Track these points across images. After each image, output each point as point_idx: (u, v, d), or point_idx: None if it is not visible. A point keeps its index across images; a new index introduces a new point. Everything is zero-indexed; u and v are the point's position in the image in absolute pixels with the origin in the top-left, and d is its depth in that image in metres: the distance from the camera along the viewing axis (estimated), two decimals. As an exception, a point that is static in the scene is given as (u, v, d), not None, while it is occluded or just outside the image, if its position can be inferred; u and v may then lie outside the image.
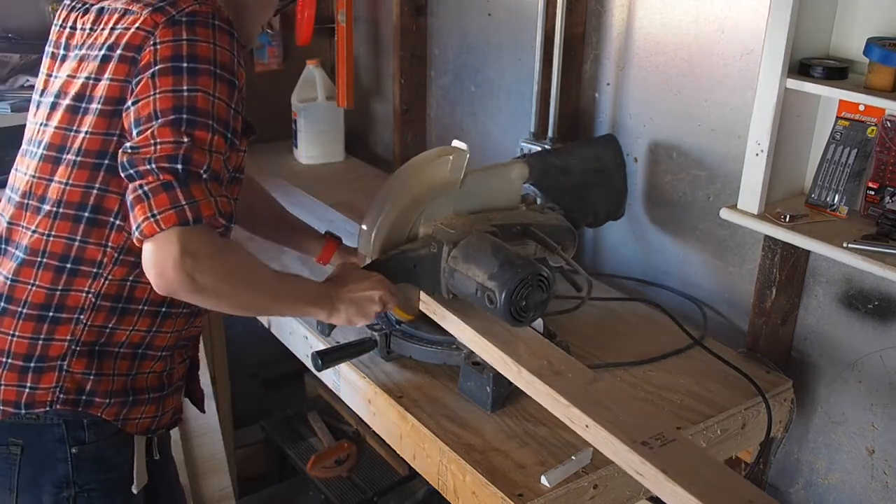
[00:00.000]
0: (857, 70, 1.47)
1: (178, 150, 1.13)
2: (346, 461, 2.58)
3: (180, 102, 1.14)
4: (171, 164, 1.12)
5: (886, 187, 1.47)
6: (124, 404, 1.33)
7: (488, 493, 1.30)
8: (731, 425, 1.51)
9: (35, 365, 1.26)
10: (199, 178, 1.14)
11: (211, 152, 1.15)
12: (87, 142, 1.22)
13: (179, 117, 1.14)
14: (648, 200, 1.94)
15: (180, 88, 1.14)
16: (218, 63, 1.17)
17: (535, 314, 1.42)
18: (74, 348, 1.27)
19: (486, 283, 1.38)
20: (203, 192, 1.14)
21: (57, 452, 1.30)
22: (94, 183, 1.23)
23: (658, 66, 1.85)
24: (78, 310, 1.26)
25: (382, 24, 2.67)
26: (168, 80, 1.15)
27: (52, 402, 1.27)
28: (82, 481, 1.32)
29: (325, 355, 1.54)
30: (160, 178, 1.12)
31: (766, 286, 1.66)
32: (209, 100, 1.15)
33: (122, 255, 1.25)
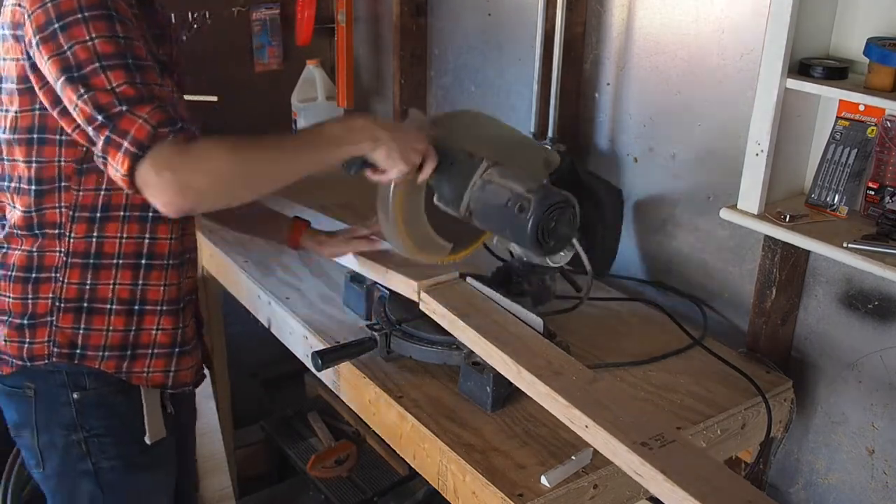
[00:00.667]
0: (857, 70, 1.47)
1: (89, 106, 1.18)
2: (346, 461, 2.58)
3: (67, 62, 1.19)
4: (94, 120, 1.19)
5: (886, 187, 1.47)
6: (123, 358, 1.41)
7: (488, 493, 1.30)
8: (731, 425, 1.51)
9: (28, 322, 1.38)
10: (119, 114, 1.18)
11: (112, 88, 1.18)
12: (19, 120, 1.31)
13: (72, 75, 1.19)
14: (648, 200, 1.94)
15: (62, 49, 1.19)
16: (83, 7, 1.19)
17: (557, 245, 1.41)
18: (59, 305, 1.37)
19: (524, 194, 1.37)
20: (131, 121, 1.17)
21: (61, 396, 1.40)
22: (30, 157, 1.32)
23: (658, 66, 1.85)
24: (53, 269, 1.36)
25: (382, 24, 2.67)
26: (50, 47, 1.20)
27: (49, 355, 1.38)
28: (88, 426, 1.41)
29: (325, 355, 1.54)
30: (99, 136, 1.19)
31: (766, 286, 1.65)
32: (88, 46, 1.19)
33: (76, 212, 1.34)
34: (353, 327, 1.71)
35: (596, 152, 2.04)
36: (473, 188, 1.43)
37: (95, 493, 1.44)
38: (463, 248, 1.60)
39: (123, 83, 1.19)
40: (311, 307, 1.78)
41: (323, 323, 1.73)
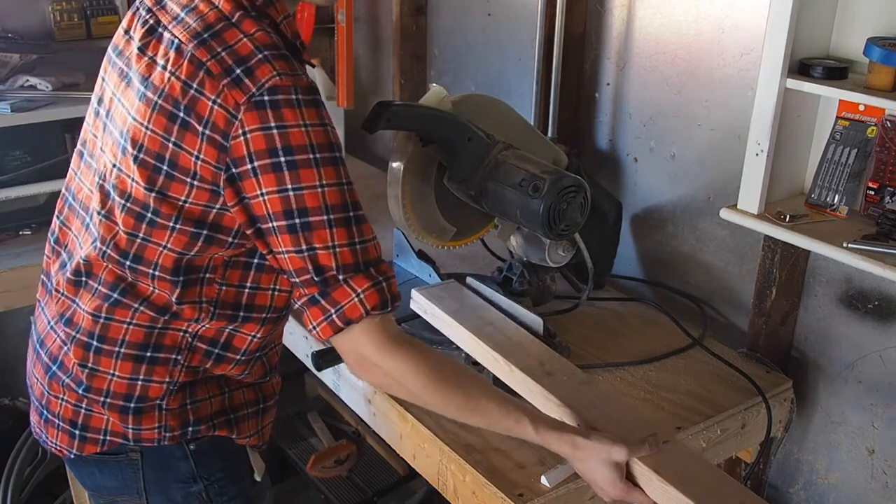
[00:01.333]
0: (857, 70, 1.47)
1: (305, 262, 1.12)
2: (346, 461, 2.58)
3: (289, 206, 1.09)
4: (306, 275, 1.12)
5: (886, 187, 1.47)
6: (230, 423, 1.31)
7: (488, 493, 1.30)
8: (731, 425, 1.51)
9: (135, 406, 1.24)
10: (336, 281, 1.12)
11: (333, 247, 1.12)
12: (133, 189, 1.16)
13: (293, 223, 1.10)
14: (648, 200, 1.94)
15: (285, 188, 1.09)
16: (315, 147, 1.09)
17: (566, 229, 1.42)
18: (172, 388, 1.24)
19: (539, 174, 1.39)
20: (346, 293, 1.13)
21: (175, 452, 1.29)
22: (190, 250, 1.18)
23: (658, 66, 1.85)
24: (175, 350, 1.23)
25: (382, 24, 2.67)
26: (271, 179, 1.09)
27: (160, 440, 1.26)
28: (207, 473, 1.31)
29: (325, 355, 1.54)
30: (305, 291, 1.14)
31: (766, 286, 1.65)
32: (317, 193, 1.10)
33: (217, 308, 1.22)
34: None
35: (596, 152, 2.04)
36: (487, 167, 1.44)
37: None
38: (467, 235, 1.61)
39: (345, 245, 1.12)
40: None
41: (323, 323, 1.73)
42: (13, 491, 2.24)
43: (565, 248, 1.57)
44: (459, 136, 1.44)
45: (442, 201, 1.54)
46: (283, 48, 1.11)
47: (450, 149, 1.46)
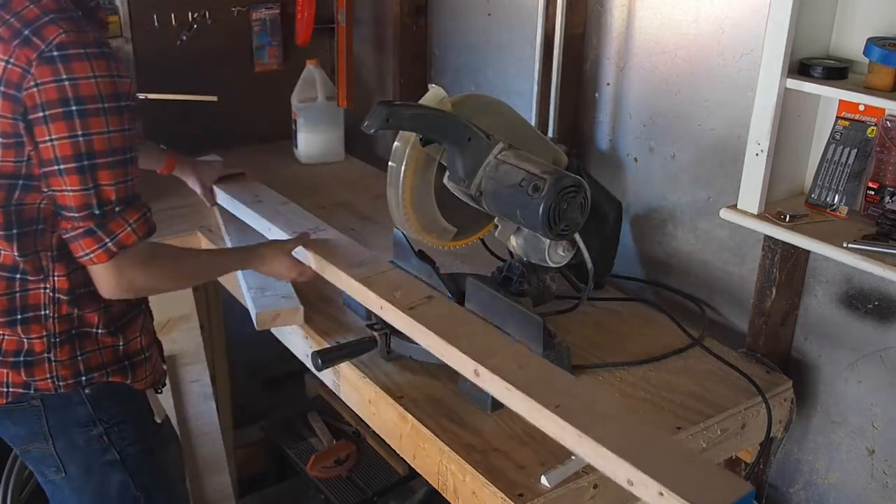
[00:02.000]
0: (857, 70, 1.47)
1: (89, 197, 1.27)
2: (346, 461, 2.58)
3: (78, 149, 1.25)
4: (87, 210, 1.28)
5: (886, 187, 1.47)
6: (125, 369, 1.46)
7: (488, 493, 1.30)
8: (731, 425, 1.51)
9: (24, 359, 1.40)
10: (113, 213, 1.30)
11: (117, 184, 1.28)
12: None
13: (82, 164, 1.26)
14: (648, 200, 1.94)
15: (75, 134, 1.24)
16: (104, 96, 1.24)
17: (566, 229, 1.42)
18: (54, 340, 1.39)
19: (539, 174, 1.39)
20: (121, 224, 1.31)
21: (73, 397, 1.42)
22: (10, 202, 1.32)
23: (658, 66, 1.85)
24: (41, 306, 1.38)
25: (382, 24, 2.67)
26: (61, 126, 1.23)
27: (56, 388, 1.41)
28: (106, 416, 1.45)
29: (325, 355, 1.54)
30: (81, 224, 1.29)
31: (766, 286, 1.66)
32: (104, 138, 1.26)
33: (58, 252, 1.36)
34: (353, 327, 1.71)
35: (596, 152, 2.04)
36: (487, 167, 1.45)
37: (125, 481, 1.48)
38: (467, 235, 1.61)
39: (122, 181, 1.30)
40: (311, 307, 1.78)
41: (323, 323, 1.73)
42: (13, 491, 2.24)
43: (565, 249, 1.57)
44: (459, 136, 1.44)
45: (442, 201, 1.54)
46: (72, 11, 1.27)
47: (450, 149, 1.46)
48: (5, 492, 2.23)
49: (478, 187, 1.46)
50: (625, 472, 1.11)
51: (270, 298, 1.73)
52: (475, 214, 1.57)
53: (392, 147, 1.51)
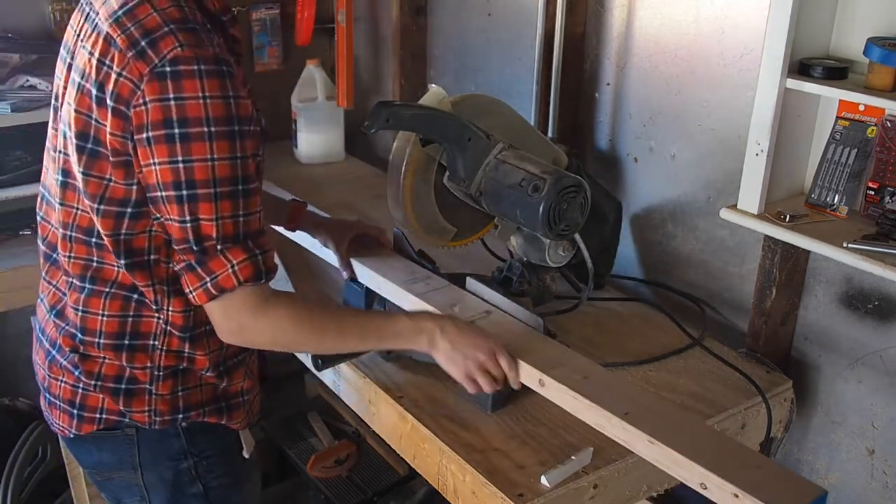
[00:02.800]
0: (857, 70, 1.47)
1: (187, 231, 1.16)
2: (346, 461, 2.58)
3: (178, 176, 1.13)
4: (186, 244, 1.17)
5: (886, 187, 1.47)
6: (221, 411, 1.37)
7: (488, 493, 1.30)
8: (731, 425, 1.51)
9: (125, 387, 1.30)
10: (214, 251, 1.17)
11: (221, 219, 1.16)
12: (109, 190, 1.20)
13: (181, 194, 1.14)
14: (648, 200, 1.94)
15: (176, 160, 1.13)
16: (210, 120, 1.12)
17: (566, 229, 1.42)
18: (157, 373, 1.30)
19: (539, 174, 1.39)
20: (222, 264, 1.17)
21: (169, 429, 1.34)
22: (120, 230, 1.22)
23: (658, 66, 1.85)
24: (151, 335, 1.28)
25: (382, 24, 2.67)
26: (163, 150, 1.13)
27: (151, 423, 1.32)
28: (197, 450, 1.37)
29: (325, 355, 1.54)
30: (184, 258, 1.18)
31: (766, 286, 1.66)
32: (207, 167, 1.13)
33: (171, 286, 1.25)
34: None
35: (596, 152, 2.04)
36: (487, 167, 1.44)
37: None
38: (467, 235, 1.61)
39: (228, 217, 1.16)
40: (311, 307, 1.78)
41: (323, 323, 1.73)
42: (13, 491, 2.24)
43: (565, 249, 1.57)
44: (459, 136, 1.44)
45: (442, 201, 1.54)
46: (196, 23, 1.15)
47: (449, 149, 1.46)
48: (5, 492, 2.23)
49: (478, 187, 1.46)
50: (699, 475, 1.13)
51: None
52: (475, 214, 1.57)
53: (392, 147, 1.51)
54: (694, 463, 1.13)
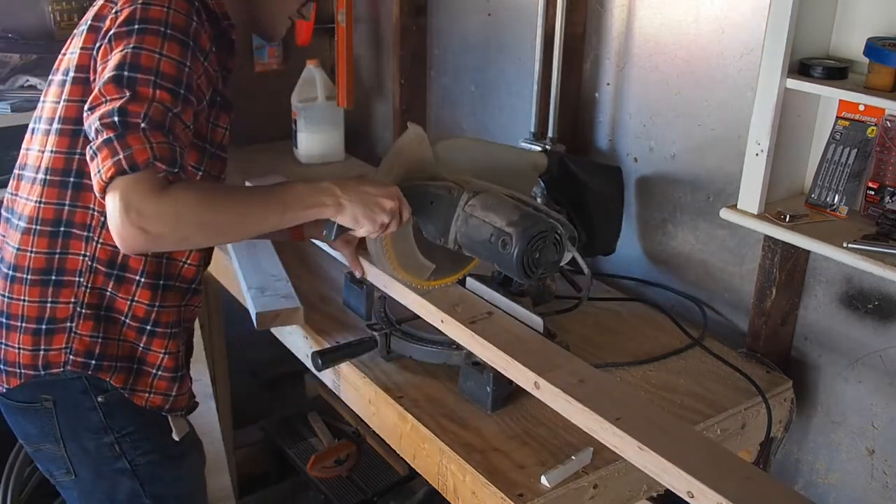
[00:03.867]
0: (857, 70, 1.47)
1: (116, 104, 1.16)
2: (346, 461, 2.58)
3: (124, 59, 1.19)
4: (109, 117, 1.16)
5: (886, 187, 1.47)
6: (130, 371, 1.39)
7: (488, 493, 1.30)
8: (731, 425, 1.51)
9: (46, 327, 1.34)
10: (136, 127, 1.15)
11: (150, 103, 1.17)
12: (64, 110, 1.30)
13: (121, 73, 1.18)
14: (648, 200, 1.94)
15: (127, 47, 1.19)
16: (169, 24, 1.21)
17: (545, 273, 1.40)
18: (80, 310, 1.34)
19: (504, 229, 1.36)
20: (140, 140, 1.15)
21: (85, 402, 1.38)
22: (74, 149, 1.30)
23: (658, 66, 1.85)
24: (77, 272, 1.33)
25: (382, 24, 2.67)
26: (120, 44, 1.20)
27: (65, 363, 1.34)
28: (118, 426, 1.40)
29: (325, 355, 1.54)
30: (103, 134, 1.15)
31: (766, 286, 1.66)
32: (153, 57, 1.19)
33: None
34: (353, 327, 1.72)
35: (596, 152, 2.04)
36: (457, 222, 1.42)
37: (136, 489, 1.44)
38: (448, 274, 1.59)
39: (160, 104, 1.18)
40: (311, 307, 1.78)
41: (323, 323, 1.73)
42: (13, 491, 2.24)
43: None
44: (421, 204, 1.43)
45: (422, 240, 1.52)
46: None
47: (416, 214, 1.45)
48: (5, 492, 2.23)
49: (454, 241, 1.44)
50: (687, 484, 1.13)
51: (270, 298, 1.73)
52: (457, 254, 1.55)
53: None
54: (682, 471, 1.13)
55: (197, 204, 1.19)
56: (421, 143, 1.45)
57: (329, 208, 1.31)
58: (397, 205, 1.36)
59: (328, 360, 1.55)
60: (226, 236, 1.36)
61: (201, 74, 1.26)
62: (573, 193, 1.81)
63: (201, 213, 1.20)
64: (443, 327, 1.50)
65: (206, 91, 1.30)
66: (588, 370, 1.36)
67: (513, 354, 1.37)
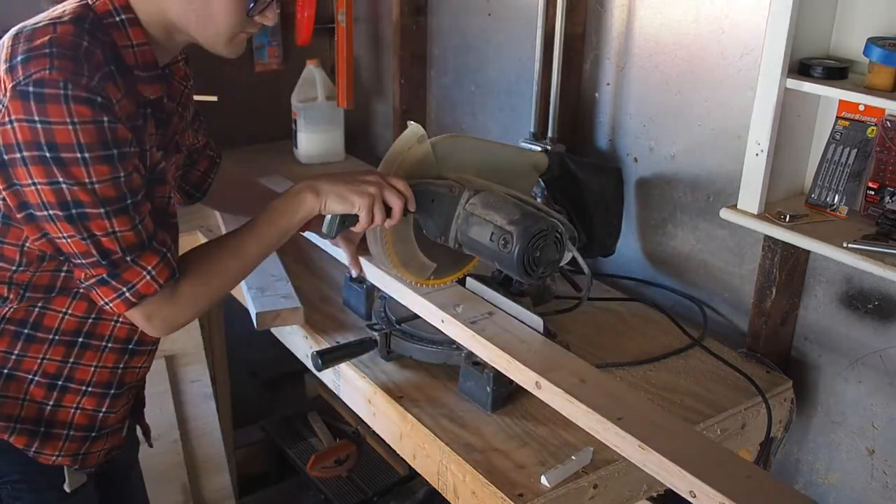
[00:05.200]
0: (857, 70, 1.47)
1: (89, 247, 1.14)
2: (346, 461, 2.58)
3: (63, 198, 1.11)
4: (92, 258, 1.15)
5: (886, 187, 1.47)
6: (35, 434, 1.28)
7: (488, 493, 1.30)
8: (731, 425, 1.51)
9: None
10: (124, 263, 1.17)
11: (118, 233, 1.15)
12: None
13: (70, 213, 1.12)
14: (648, 200, 1.94)
15: (57, 181, 1.10)
16: (83, 146, 1.09)
17: (545, 272, 1.40)
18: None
19: (505, 227, 1.36)
20: (136, 273, 1.18)
21: None
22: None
23: (658, 66, 1.85)
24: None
25: (382, 24, 2.67)
26: (41, 171, 1.10)
27: None
28: (1, 473, 1.29)
29: (325, 355, 1.54)
30: (93, 272, 1.17)
31: (766, 286, 1.66)
32: (88, 190, 1.11)
33: (27, 289, 1.23)
34: (353, 327, 1.71)
35: (596, 152, 2.04)
36: (458, 221, 1.42)
37: None
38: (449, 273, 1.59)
39: (126, 229, 1.16)
40: (311, 307, 1.78)
41: (323, 323, 1.73)
42: None
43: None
44: (422, 202, 1.43)
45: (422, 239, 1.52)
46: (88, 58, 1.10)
47: (418, 213, 1.45)
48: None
49: (455, 240, 1.44)
50: (689, 483, 1.13)
51: (270, 298, 1.73)
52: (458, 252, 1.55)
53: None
54: (684, 471, 1.13)
55: (206, 282, 1.26)
56: (421, 141, 1.45)
57: (309, 199, 1.31)
58: (379, 177, 1.35)
59: (328, 360, 1.55)
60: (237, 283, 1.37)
61: (136, 164, 1.18)
62: (573, 194, 1.81)
63: (211, 285, 1.28)
64: (444, 327, 1.50)
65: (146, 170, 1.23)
66: (589, 370, 1.36)
67: (514, 354, 1.37)
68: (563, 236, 1.39)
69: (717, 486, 1.10)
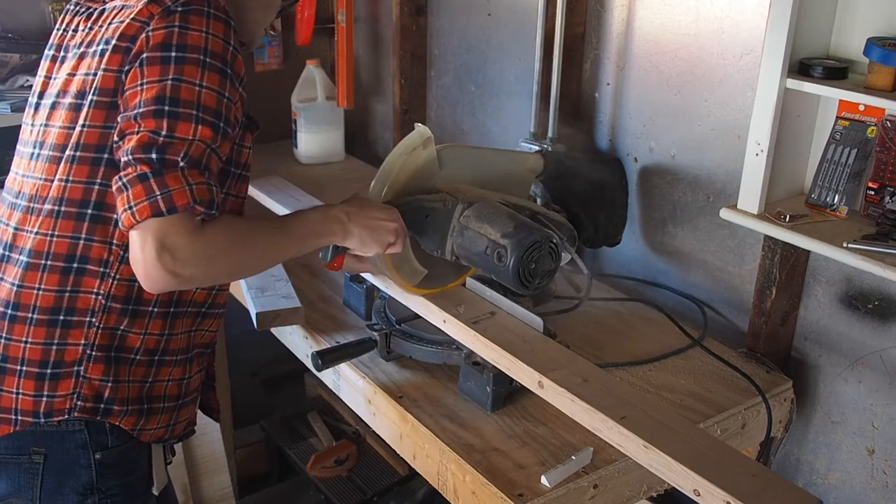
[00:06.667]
0: (857, 70, 1.47)
1: (156, 141, 1.12)
2: (346, 461, 2.58)
3: (163, 92, 1.14)
4: (146, 154, 1.12)
5: (886, 187, 1.47)
6: (141, 413, 1.31)
7: (488, 493, 1.30)
8: (731, 425, 1.51)
9: (51, 371, 1.23)
10: (174, 166, 1.12)
11: (192, 142, 1.14)
12: (84, 136, 1.20)
13: (161, 108, 1.13)
14: (648, 200, 1.94)
15: (165, 78, 1.14)
16: (208, 52, 1.16)
17: (541, 283, 1.40)
18: (90, 353, 1.24)
19: (499, 241, 1.36)
20: (179, 180, 1.12)
21: (80, 458, 1.27)
22: (94, 178, 1.20)
23: (658, 66, 1.85)
24: (89, 312, 1.23)
25: (382, 24, 2.67)
26: (155, 70, 1.15)
27: (71, 410, 1.24)
28: (105, 486, 1.30)
29: (325, 355, 1.54)
30: (137, 168, 1.12)
31: (766, 286, 1.66)
32: (194, 90, 1.15)
33: (127, 252, 1.18)
34: (353, 327, 1.72)
35: (596, 152, 2.04)
36: (453, 234, 1.43)
37: None
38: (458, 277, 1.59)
39: (203, 143, 1.15)
40: (311, 307, 1.78)
41: (323, 323, 1.74)
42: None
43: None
44: (415, 220, 1.44)
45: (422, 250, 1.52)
46: None
47: (414, 230, 1.45)
48: None
49: (452, 253, 1.45)
50: (693, 482, 1.13)
51: (270, 298, 1.73)
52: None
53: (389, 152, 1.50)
54: (688, 469, 1.13)
55: (230, 246, 1.20)
56: (426, 145, 1.45)
57: (337, 236, 1.36)
58: (400, 225, 1.40)
59: (328, 360, 1.55)
60: (246, 273, 1.37)
61: (237, 101, 1.22)
62: (575, 189, 1.81)
63: (232, 255, 1.21)
64: (446, 328, 1.50)
65: (240, 117, 1.26)
66: (591, 369, 1.36)
67: (516, 354, 1.37)
68: (558, 246, 1.40)
69: (722, 485, 1.10)
